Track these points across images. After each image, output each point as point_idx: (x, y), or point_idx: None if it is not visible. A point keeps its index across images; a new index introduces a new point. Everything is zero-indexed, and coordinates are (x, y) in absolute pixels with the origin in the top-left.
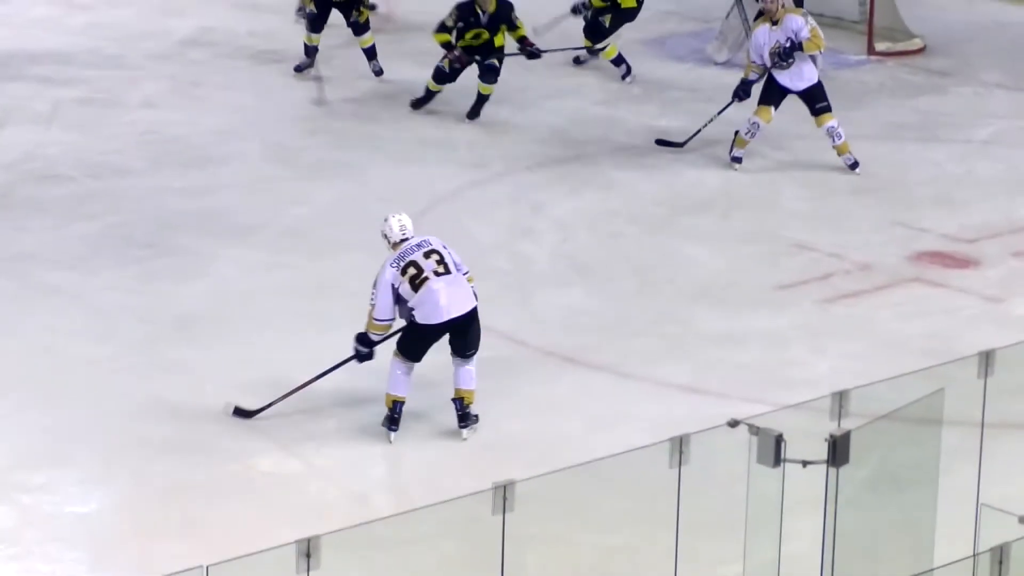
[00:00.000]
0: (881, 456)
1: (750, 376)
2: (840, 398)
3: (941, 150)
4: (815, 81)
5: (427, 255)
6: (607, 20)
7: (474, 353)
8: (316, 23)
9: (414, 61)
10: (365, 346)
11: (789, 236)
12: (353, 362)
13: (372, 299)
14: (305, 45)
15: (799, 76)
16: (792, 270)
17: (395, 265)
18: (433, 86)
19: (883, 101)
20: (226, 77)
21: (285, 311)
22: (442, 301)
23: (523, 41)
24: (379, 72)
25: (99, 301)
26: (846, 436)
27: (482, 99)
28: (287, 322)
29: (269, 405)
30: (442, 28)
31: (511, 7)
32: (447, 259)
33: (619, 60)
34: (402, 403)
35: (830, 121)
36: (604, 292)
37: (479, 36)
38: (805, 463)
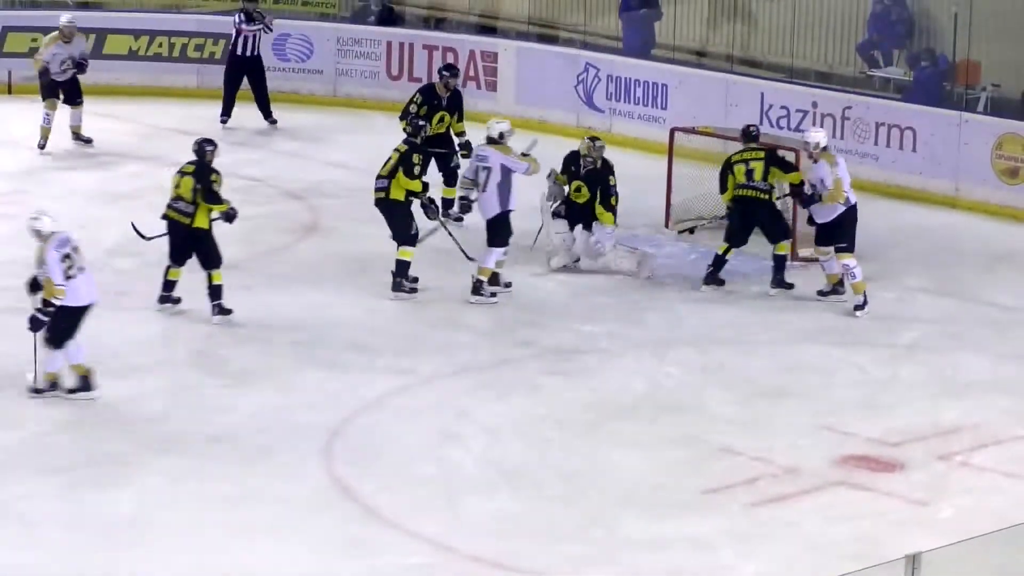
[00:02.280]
0: None
1: None
2: None
3: (866, 354)
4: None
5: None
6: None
7: None
8: None
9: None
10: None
11: (715, 440)
12: None
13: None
14: None
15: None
16: (718, 474)
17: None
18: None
19: (808, 304)
20: (153, 286)
21: (213, 520)
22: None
23: (460, 137)
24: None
25: (21, 508)
26: None
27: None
28: (215, 530)
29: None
30: (406, 114)
31: (461, 97)
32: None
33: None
34: None
35: (846, 259)
36: (532, 497)
37: (443, 120)
38: None
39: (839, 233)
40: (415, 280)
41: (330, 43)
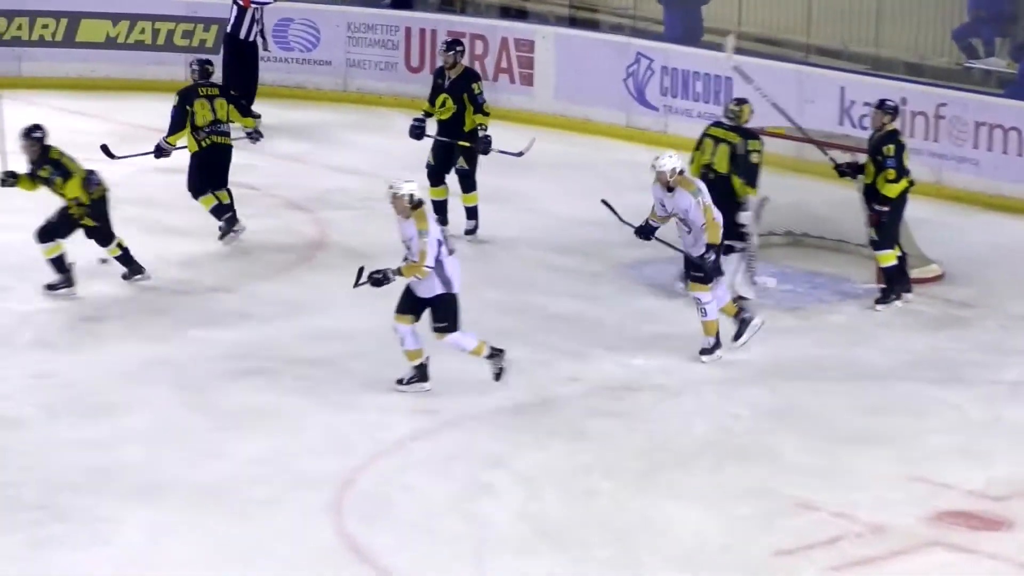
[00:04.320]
0: None
1: None
2: None
3: (963, 393)
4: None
5: None
6: None
7: None
8: None
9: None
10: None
11: (790, 493)
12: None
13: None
14: None
15: (696, 246)
16: (793, 532)
17: None
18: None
19: (895, 336)
20: (132, 311)
21: None
22: None
23: (477, 131)
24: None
25: None
26: None
27: (469, 210)
28: None
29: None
30: None
31: (475, 79)
32: None
33: None
34: None
35: (693, 292)
36: (575, 562)
37: (446, 105)
38: None
39: (704, 266)
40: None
41: (339, 29)
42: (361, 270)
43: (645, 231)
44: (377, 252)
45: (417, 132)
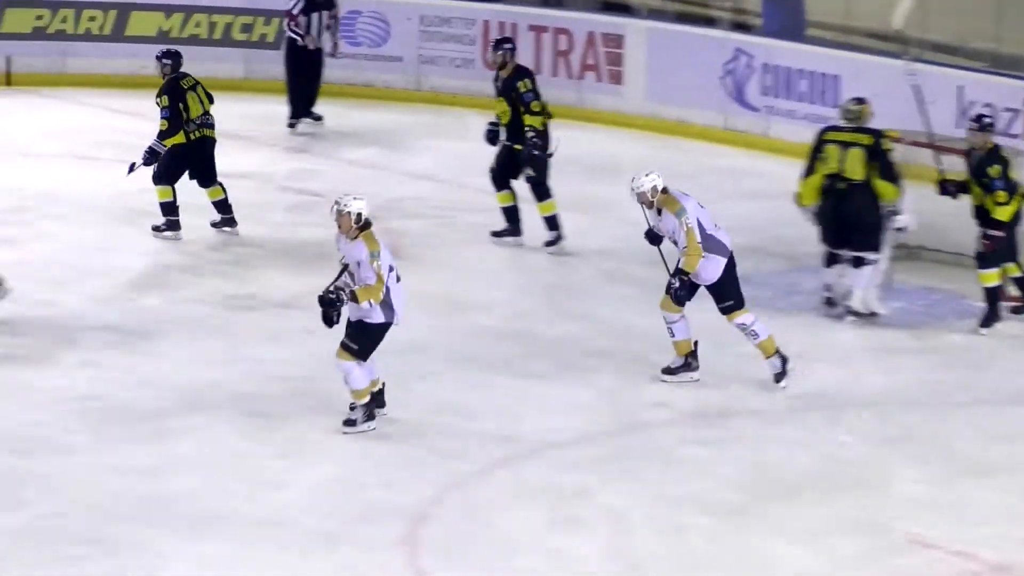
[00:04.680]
0: None
1: None
2: None
3: None
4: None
5: None
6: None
7: None
8: None
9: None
10: None
11: (903, 529)
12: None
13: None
14: None
15: (703, 269)
16: (908, 571)
17: None
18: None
19: (1019, 358)
20: (186, 328)
21: None
22: None
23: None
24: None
25: None
26: None
27: (548, 220)
28: None
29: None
30: None
31: (522, 76)
32: None
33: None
34: None
35: (740, 317)
36: None
37: (502, 108)
38: None
39: (724, 291)
40: None
41: (411, 23)
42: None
43: (652, 236)
44: (457, 264)
45: (491, 136)
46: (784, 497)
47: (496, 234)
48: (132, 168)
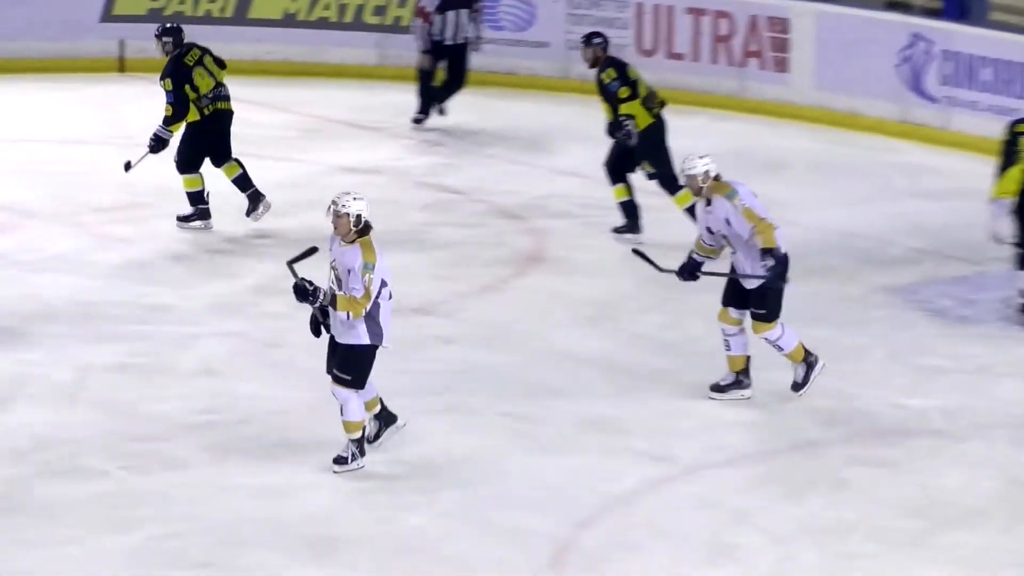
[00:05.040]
0: None
1: None
2: None
3: None
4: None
5: None
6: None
7: None
8: None
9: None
10: None
11: None
12: None
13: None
14: None
15: (751, 264)
16: None
17: None
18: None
19: None
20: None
21: None
22: None
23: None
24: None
25: None
26: None
27: (690, 212)
28: None
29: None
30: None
31: (607, 66)
32: None
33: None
34: None
35: (768, 332)
36: None
37: (605, 104)
38: None
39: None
40: None
41: (558, 5)
42: (312, 250)
43: (688, 270)
44: (606, 267)
45: (613, 130)
46: (964, 526)
47: (617, 231)
48: (128, 166)
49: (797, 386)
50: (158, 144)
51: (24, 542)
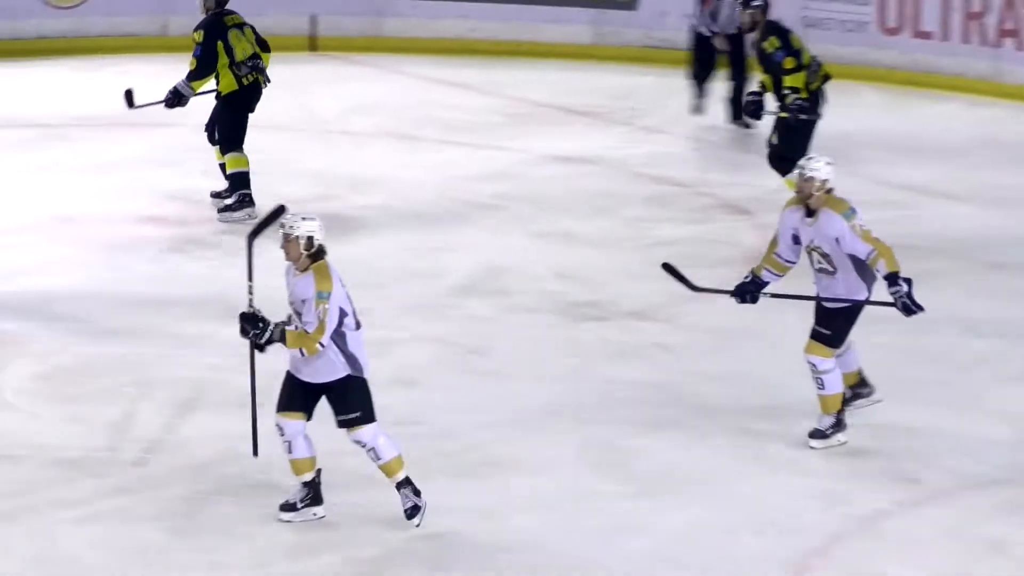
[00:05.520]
0: None
1: None
2: None
3: None
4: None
5: None
6: None
7: None
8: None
9: None
10: None
11: None
12: None
13: None
14: None
15: (843, 289)
16: None
17: None
18: None
19: None
20: (524, 341)
21: None
22: None
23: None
24: None
25: None
26: None
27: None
28: None
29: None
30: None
31: (769, 33)
32: None
33: None
34: None
35: (819, 357)
36: None
37: (764, 74)
38: None
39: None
40: None
41: None
42: (280, 210)
43: (748, 290)
44: None
45: (754, 109)
46: None
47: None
48: (131, 99)
49: (816, 435)
50: (175, 99)
51: (214, 564)
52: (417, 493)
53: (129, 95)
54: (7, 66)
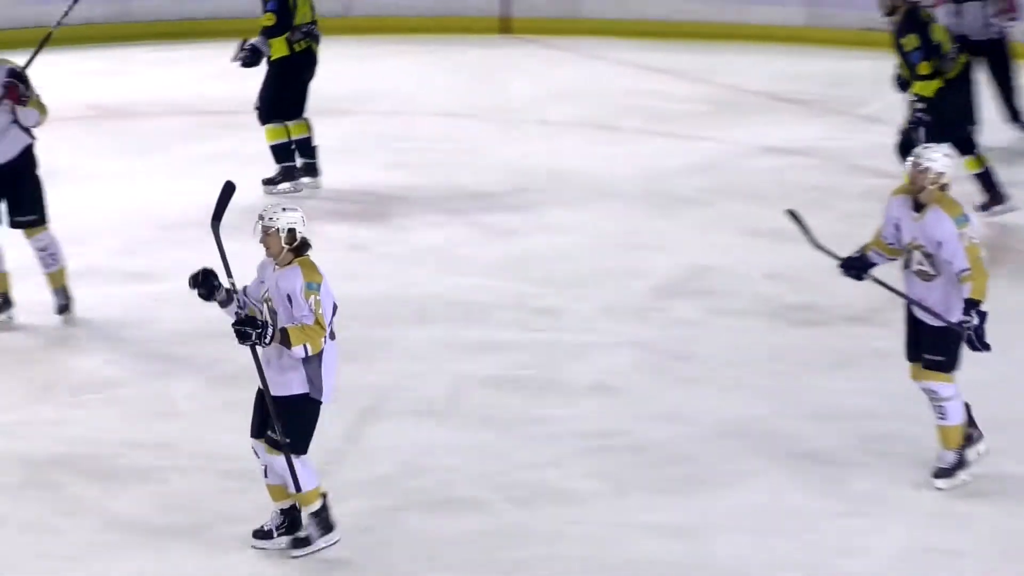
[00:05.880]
0: None
1: None
2: None
3: None
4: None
5: None
6: None
7: None
8: None
9: None
10: None
11: None
12: None
13: None
14: None
15: (939, 299)
16: None
17: None
18: None
19: None
20: (731, 346)
21: None
22: None
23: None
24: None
25: None
26: None
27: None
28: None
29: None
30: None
31: (910, 29)
32: None
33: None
34: None
35: (938, 383)
36: None
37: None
38: None
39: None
40: None
41: None
42: (228, 188)
43: (855, 265)
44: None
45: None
46: None
47: (982, 208)
48: (246, 51)
49: (941, 474)
50: (253, 57)
51: None
52: (331, 528)
53: (245, 48)
54: (172, 49)
